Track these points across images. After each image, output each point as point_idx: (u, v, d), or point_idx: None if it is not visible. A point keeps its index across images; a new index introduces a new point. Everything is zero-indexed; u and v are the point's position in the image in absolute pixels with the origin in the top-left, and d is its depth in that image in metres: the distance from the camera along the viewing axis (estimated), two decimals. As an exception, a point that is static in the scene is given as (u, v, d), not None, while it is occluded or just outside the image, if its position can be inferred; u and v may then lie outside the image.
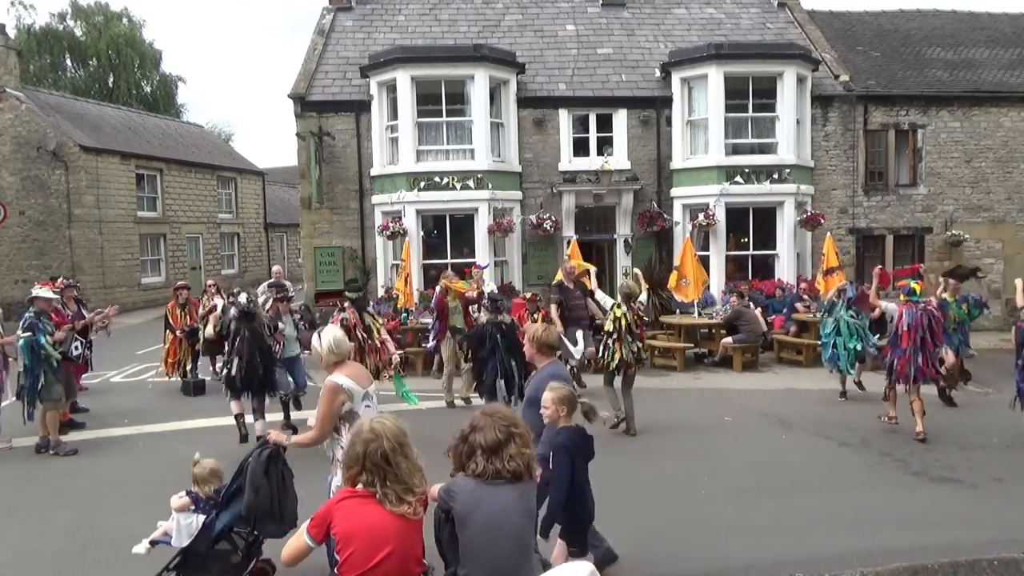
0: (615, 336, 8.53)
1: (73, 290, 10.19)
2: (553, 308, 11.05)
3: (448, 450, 3.29)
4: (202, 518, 4.60)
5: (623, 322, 8.53)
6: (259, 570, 4.73)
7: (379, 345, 8.40)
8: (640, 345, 8.72)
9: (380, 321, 9.25)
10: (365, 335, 8.35)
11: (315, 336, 4.49)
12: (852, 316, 9.97)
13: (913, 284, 8.42)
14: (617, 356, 8.49)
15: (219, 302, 9.87)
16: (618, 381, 8.76)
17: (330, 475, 4.34)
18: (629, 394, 8.69)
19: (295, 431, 5.61)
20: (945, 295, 10.14)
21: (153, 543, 4.73)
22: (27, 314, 8.23)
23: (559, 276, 11.69)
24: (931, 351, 8.22)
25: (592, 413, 4.48)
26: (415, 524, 3.02)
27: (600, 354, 8.94)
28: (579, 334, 10.63)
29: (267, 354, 8.07)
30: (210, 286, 11.94)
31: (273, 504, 4.35)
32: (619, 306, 8.66)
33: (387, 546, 2.92)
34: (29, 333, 8.04)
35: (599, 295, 9.74)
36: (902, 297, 8.43)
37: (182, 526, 4.63)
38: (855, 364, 10.05)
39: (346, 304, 8.66)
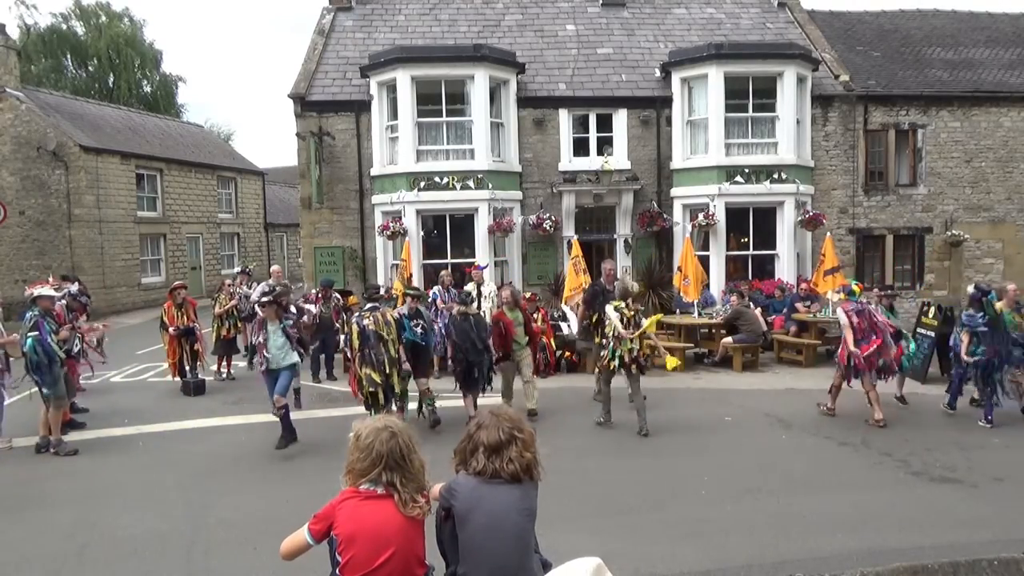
0: (615, 334, 8.61)
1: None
2: (580, 302, 11.13)
3: (456, 449, 3.30)
4: None
5: (623, 318, 8.60)
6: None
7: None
8: (635, 345, 8.60)
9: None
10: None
11: None
12: None
13: (854, 286, 9.34)
14: (618, 354, 8.56)
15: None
16: (620, 381, 8.76)
17: None
18: (639, 392, 8.68)
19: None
20: (1000, 304, 8.97)
21: None
22: (30, 314, 8.19)
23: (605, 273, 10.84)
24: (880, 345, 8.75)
25: None
26: (417, 524, 3.01)
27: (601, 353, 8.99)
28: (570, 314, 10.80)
29: None
30: (228, 285, 12.51)
31: None
32: (616, 304, 8.73)
33: (390, 547, 2.90)
34: (36, 332, 8.03)
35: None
36: (842, 296, 9.19)
37: None
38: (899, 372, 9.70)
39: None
